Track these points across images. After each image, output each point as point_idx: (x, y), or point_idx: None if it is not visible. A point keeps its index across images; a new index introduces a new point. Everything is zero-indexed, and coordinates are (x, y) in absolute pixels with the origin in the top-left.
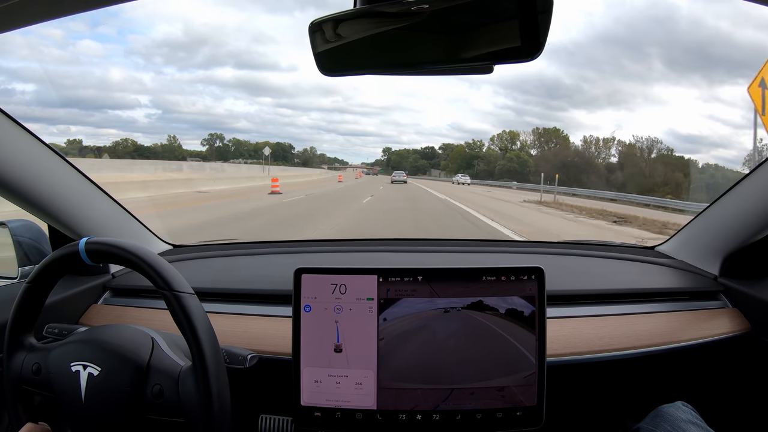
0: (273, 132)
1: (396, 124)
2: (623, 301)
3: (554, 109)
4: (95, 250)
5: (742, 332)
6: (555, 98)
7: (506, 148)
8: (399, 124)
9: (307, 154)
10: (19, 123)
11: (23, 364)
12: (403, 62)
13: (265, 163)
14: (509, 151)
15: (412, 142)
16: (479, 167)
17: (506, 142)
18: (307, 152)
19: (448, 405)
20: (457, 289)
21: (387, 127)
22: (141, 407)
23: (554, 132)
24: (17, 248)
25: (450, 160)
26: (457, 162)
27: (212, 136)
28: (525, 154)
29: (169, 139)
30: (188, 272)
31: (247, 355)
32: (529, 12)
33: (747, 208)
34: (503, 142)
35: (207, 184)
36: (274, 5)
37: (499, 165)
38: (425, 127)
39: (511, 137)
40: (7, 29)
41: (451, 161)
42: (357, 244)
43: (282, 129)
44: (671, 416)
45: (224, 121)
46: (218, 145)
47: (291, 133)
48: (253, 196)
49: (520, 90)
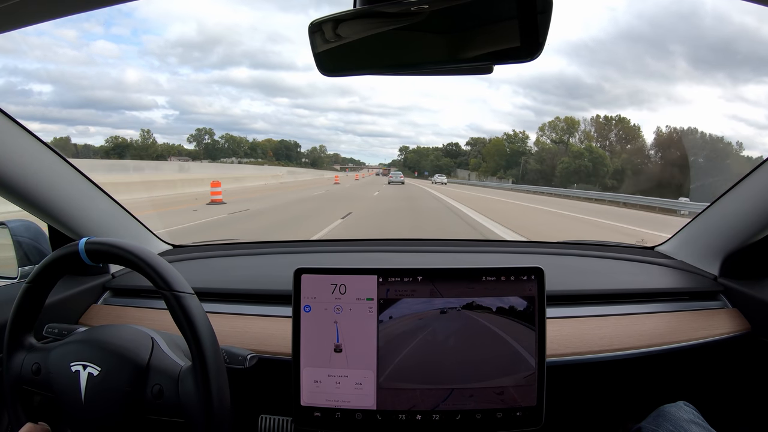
0: (290, 133)
1: (413, 125)
2: (623, 301)
3: (574, 109)
4: (95, 250)
5: (742, 332)
6: (575, 98)
7: (562, 140)
8: (417, 124)
9: (316, 153)
10: (19, 123)
11: (23, 364)
12: (402, 62)
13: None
14: (569, 144)
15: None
16: (529, 166)
17: (562, 132)
18: (316, 151)
19: (447, 405)
20: (457, 289)
21: (405, 128)
22: (141, 407)
23: (620, 122)
24: (17, 248)
25: (486, 157)
26: (495, 159)
27: (200, 132)
28: (599, 148)
29: (143, 134)
30: (188, 272)
31: (247, 355)
32: (529, 12)
33: (747, 209)
34: (558, 132)
35: None
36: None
37: (562, 163)
38: (443, 127)
39: (568, 126)
40: (8, 29)
41: (487, 158)
42: (357, 244)
43: (299, 130)
44: (673, 416)
45: (242, 122)
46: (207, 142)
47: (308, 134)
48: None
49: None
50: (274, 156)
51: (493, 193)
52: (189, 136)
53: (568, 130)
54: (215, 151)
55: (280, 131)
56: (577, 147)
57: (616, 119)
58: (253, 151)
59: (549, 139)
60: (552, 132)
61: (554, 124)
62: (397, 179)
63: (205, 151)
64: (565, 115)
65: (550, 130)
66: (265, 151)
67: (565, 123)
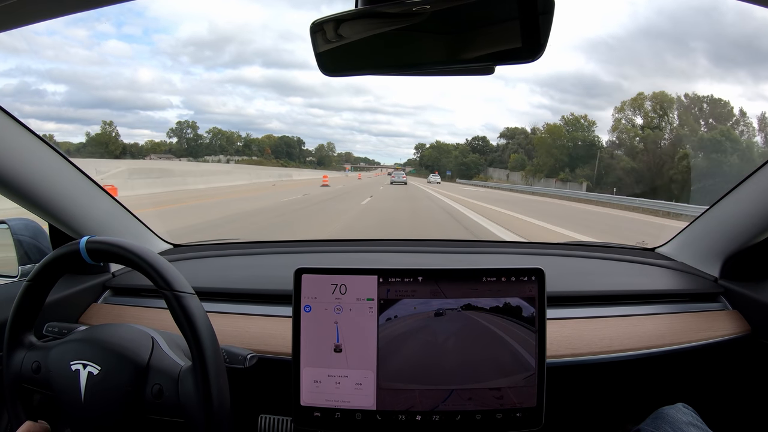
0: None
1: (429, 124)
2: (624, 302)
3: (592, 108)
4: (96, 249)
5: (742, 334)
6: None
7: (653, 124)
8: (432, 124)
9: (323, 151)
10: (20, 121)
11: (23, 362)
12: (404, 62)
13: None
14: (679, 129)
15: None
16: (619, 163)
17: (654, 114)
18: (324, 149)
19: (447, 406)
20: (458, 289)
21: (420, 128)
22: (140, 407)
23: (714, 102)
24: (17, 247)
25: (537, 150)
26: (552, 154)
27: (181, 126)
28: (730, 129)
29: (104, 126)
30: (188, 272)
31: (247, 355)
32: (530, 13)
33: (747, 210)
34: (647, 115)
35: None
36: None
37: (681, 158)
38: (459, 127)
39: (661, 103)
40: (8, 28)
41: (539, 152)
42: (357, 244)
43: (314, 130)
44: (672, 418)
45: (256, 122)
46: (189, 137)
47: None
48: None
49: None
50: (272, 154)
51: None
52: (169, 130)
53: (661, 109)
54: (197, 147)
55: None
56: (710, 134)
57: (708, 99)
58: (246, 148)
59: (632, 125)
60: (636, 113)
61: (636, 101)
62: (399, 179)
63: (187, 147)
64: (639, 93)
65: (632, 111)
66: (261, 148)
67: (654, 101)
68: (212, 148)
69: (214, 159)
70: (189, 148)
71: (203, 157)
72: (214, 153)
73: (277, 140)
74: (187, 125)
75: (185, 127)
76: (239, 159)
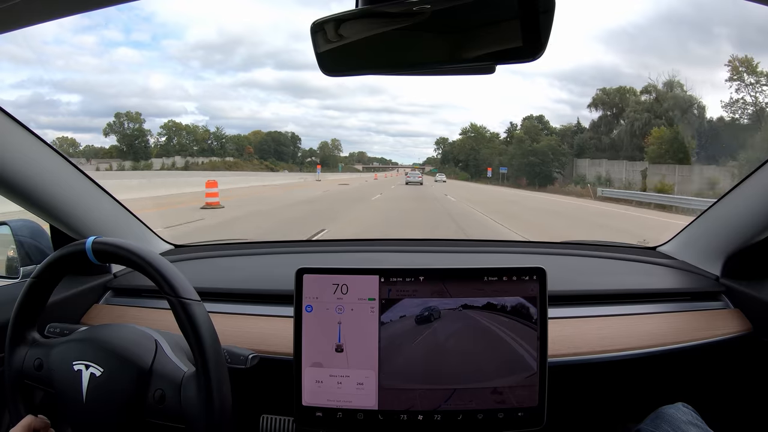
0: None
1: (446, 123)
2: (625, 301)
3: None
4: (102, 250)
5: (743, 333)
6: None
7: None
8: (449, 123)
9: (327, 150)
10: (22, 123)
11: (25, 358)
12: (404, 62)
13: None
14: None
15: None
16: None
17: None
18: (327, 148)
19: (449, 405)
20: (459, 289)
21: (437, 127)
22: (141, 411)
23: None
24: (19, 248)
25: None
26: None
27: (119, 119)
28: None
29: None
30: (190, 272)
31: (248, 355)
32: (531, 12)
33: (749, 209)
34: None
35: None
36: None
37: None
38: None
39: None
40: (8, 29)
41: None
42: (358, 244)
43: (331, 132)
44: (672, 417)
45: (273, 125)
46: (131, 133)
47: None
48: None
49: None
50: (256, 154)
51: None
52: (106, 125)
53: None
54: (142, 147)
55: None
56: None
57: None
58: (220, 148)
59: None
60: None
61: None
62: (415, 179)
63: (128, 147)
64: None
65: None
66: (241, 147)
67: None
68: (168, 149)
69: (168, 161)
70: (132, 148)
71: (149, 160)
72: (167, 154)
73: (264, 137)
74: (128, 118)
75: (125, 121)
76: (205, 162)
